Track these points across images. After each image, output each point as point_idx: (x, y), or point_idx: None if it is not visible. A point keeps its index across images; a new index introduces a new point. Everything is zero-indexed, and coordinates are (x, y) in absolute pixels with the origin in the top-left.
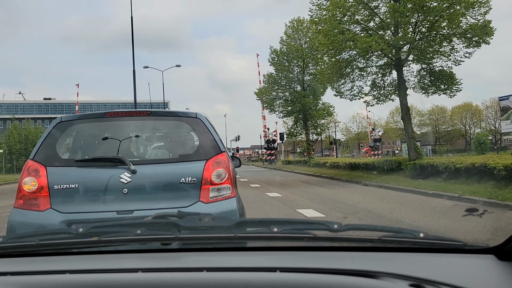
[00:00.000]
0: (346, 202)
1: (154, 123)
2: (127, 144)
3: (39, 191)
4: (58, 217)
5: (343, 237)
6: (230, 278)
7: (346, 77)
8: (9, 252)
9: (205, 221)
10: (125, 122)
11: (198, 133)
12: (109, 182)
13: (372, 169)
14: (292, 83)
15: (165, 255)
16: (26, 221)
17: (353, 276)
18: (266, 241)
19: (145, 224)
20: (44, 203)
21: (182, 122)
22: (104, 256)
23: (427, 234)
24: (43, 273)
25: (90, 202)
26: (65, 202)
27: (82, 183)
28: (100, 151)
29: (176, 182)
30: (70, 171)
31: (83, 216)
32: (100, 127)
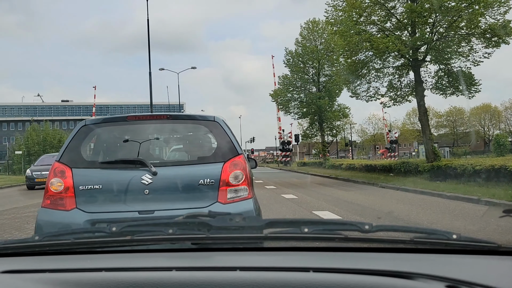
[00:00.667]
0: (363, 204)
1: (173, 126)
2: (148, 147)
3: (65, 191)
4: (83, 216)
5: (374, 238)
6: (265, 277)
7: (362, 78)
8: (45, 250)
9: (235, 221)
10: (145, 125)
11: (216, 136)
12: (131, 183)
13: (388, 171)
14: (308, 84)
15: (197, 254)
16: (53, 220)
17: (388, 277)
18: (297, 242)
19: (177, 224)
20: (70, 203)
21: (200, 125)
22: (137, 255)
23: (460, 236)
24: (80, 271)
25: (113, 202)
26: (89, 202)
27: (105, 184)
28: (122, 153)
29: (195, 184)
30: (94, 172)
31: (106, 215)
32: (122, 130)
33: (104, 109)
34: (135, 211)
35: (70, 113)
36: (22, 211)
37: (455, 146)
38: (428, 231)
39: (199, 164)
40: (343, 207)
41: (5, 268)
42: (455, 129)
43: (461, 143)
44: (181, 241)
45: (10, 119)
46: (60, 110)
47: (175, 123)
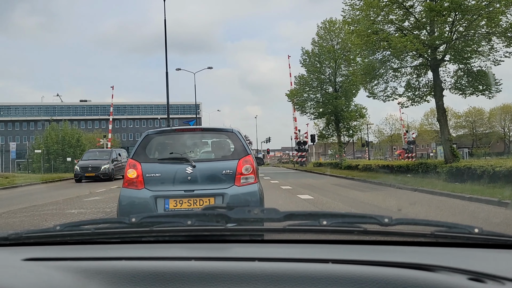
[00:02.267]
0: (379, 205)
1: (204, 135)
2: (189, 148)
3: (136, 177)
4: (148, 193)
5: (394, 231)
6: (284, 268)
7: (380, 78)
8: (66, 240)
9: (254, 213)
10: (186, 134)
11: (233, 142)
12: (178, 172)
13: (406, 171)
14: (324, 84)
15: (215, 246)
16: (130, 195)
17: (408, 269)
18: (316, 234)
19: (195, 215)
20: (140, 184)
21: (222, 134)
22: (156, 246)
23: (482, 230)
24: (100, 259)
25: (168, 184)
26: (152, 184)
27: (162, 173)
28: (175, 152)
29: (220, 173)
30: (155, 165)
31: (163, 193)
32: (172, 138)
33: (121, 109)
34: (181, 190)
35: (88, 113)
36: (40, 208)
37: (474, 147)
38: (449, 225)
39: (222, 160)
40: (360, 208)
41: (28, 256)
42: (474, 130)
43: (481, 144)
44: (199, 233)
45: (30, 119)
46: (79, 110)
47: (206, 133)
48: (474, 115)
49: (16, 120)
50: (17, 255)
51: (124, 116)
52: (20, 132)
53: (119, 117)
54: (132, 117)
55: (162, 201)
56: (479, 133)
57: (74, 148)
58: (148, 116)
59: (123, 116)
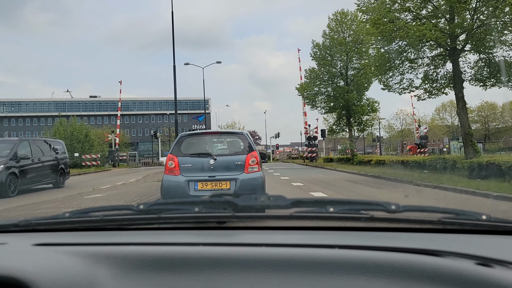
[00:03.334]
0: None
1: (222, 136)
2: (211, 146)
3: (174, 167)
4: (183, 178)
5: (401, 218)
6: (291, 253)
7: (395, 70)
8: (76, 226)
9: (261, 200)
10: (208, 136)
11: (243, 141)
12: (204, 163)
13: (421, 167)
14: (335, 78)
15: (222, 232)
16: (169, 179)
17: (416, 254)
18: (323, 221)
19: (202, 203)
20: (177, 172)
21: (235, 136)
22: (164, 232)
23: (490, 216)
24: (110, 245)
25: (196, 172)
26: (186, 172)
27: (193, 164)
28: (200, 150)
29: (233, 164)
30: (187, 158)
31: (193, 178)
32: (198, 138)
33: (130, 105)
34: (206, 176)
35: (98, 108)
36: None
37: (486, 142)
38: (456, 211)
39: (235, 155)
40: None
41: (38, 241)
42: (487, 125)
43: (494, 139)
44: (207, 220)
45: (40, 115)
46: (88, 105)
47: (223, 135)
48: (486, 110)
49: (27, 116)
50: (27, 240)
51: (133, 112)
52: (30, 127)
53: (129, 113)
54: (141, 112)
55: (192, 184)
56: (492, 127)
57: (83, 144)
58: (157, 111)
59: (132, 112)
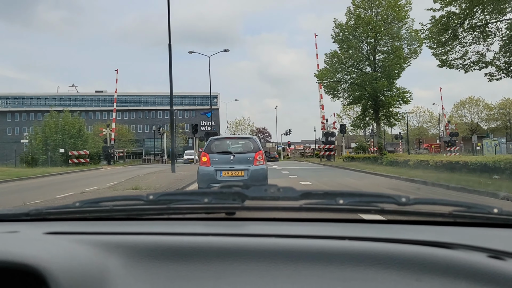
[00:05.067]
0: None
1: (238, 140)
2: (231, 146)
3: (207, 161)
4: (212, 168)
5: (411, 211)
6: (301, 244)
7: (455, 41)
8: (86, 216)
9: (270, 191)
10: (230, 140)
11: (252, 143)
12: (226, 158)
13: (486, 171)
14: (360, 63)
15: (231, 223)
16: (204, 169)
17: (427, 246)
18: (333, 213)
19: (212, 194)
20: (208, 164)
21: (247, 140)
22: (173, 222)
23: (502, 210)
24: (121, 234)
25: (221, 164)
26: (214, 164)
27: (219, 159)
28: (223, 149)
29: (246, 159)
30: (215, 155)
31: (219, 168)
32: (222, 141)
33: (137, 100)
34: (228, 167)
35: (103, 103)
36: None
37: (508, 141)
38: (468, 204)
39: (247, 153)
40: None
41: (49, 230)
42: (509, 122)
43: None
44: (216, 210)
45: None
46: (94, 100)
47: (239, 139)
48: (508, 107)
49: (31, 111)
50: (38, 229)
51: (139, 107)
52: (34, 122)
53: (135, 108)
54: (147, 108)
55: (219, 172)
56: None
57: (75, 139)
58: (164, 107)
59: (139, 107)
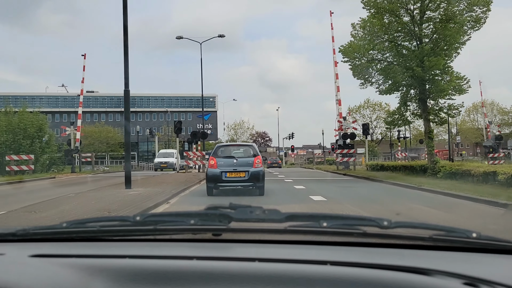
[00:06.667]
0: None
1: (240, 146)
2: (234, 151)
3: (214, 164)
4: (219, 170)
5: (393, 234)
6: (283, 269)
7: None
8: (72, 237)
9: (256, 213)
10: (233, 146)
11: (252, 149)
12: (231, 162)
13: None
14: (401, 37)
15: (217, 245)
16: (211, 171)
17: (405, 272)
18: (316, 236)
19: (198, 215)
20: (215, 166)
21: (247, 146)
22: (160, 244)
23: (480, 235)
24: (105, 257)
25: (226, 167)
26: (220, 166)
27: (224, 162)
28: (228, 154)
29: (247, 162)
30: (221, 159)
31: (224, 170)
32: (227, 147)
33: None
34: (232, 169)
35: (94, 104)
36: None
37: None
38: (448, 228)
39: (247, 157)
40: None
41: (34, 252)
42: None
43: None
44: (202, 232)
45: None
46: (84, 101)
47: (240, 146)
48: None
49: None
50: (24, 251)
51: (133, 109)
52: None
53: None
54: (142, 109)
55: (224, 173)
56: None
57: (32, 139)
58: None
59: (132, 108)
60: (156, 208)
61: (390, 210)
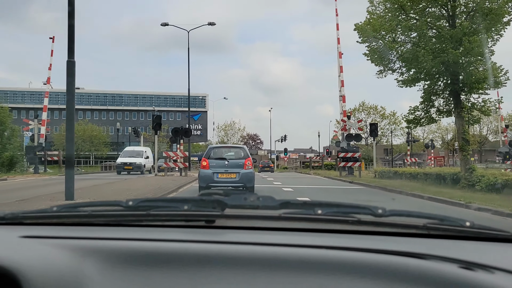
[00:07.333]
0: None
1: (232, 148)
2: (226, 153)
3: (206, 165)
4: (211, 171)
5: (387, 222)
6: (278, 252)
7: None
8: (63, 221)
9: (250, 200)
10: (225, 148)
11: (243, 151)
12: (222, 163)
13: None
14: (429, 17)
15: (210, 231)
16: (204, 171)
17: (400, 256)
18: (310, 223)
19: (192, 201)
20: (207, 167)
21: (238, 148)
22: (152, 229)
23: (474, 223)
24: (97, 239)
25: (218, 168)
26: (212, 167)
27: (216, 163)
28: (219, 155)
29: (238, 164)
30: (213, 160)
31: (216, 171)
32: (219, 149)
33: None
34: (223, 170)
35: (79, 101)
36: None
37: None
38: (441, 217)
39: (238, 159)
40: None
41: (24, 233)
42: None
43: None
44: (195, 218)
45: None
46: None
47: (232, 148)
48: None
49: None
50: (14, 232)
51: (120, 107)
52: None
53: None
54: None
55: (216, 174)
56: None
57: None
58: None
59: (119, 107)
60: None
61: None
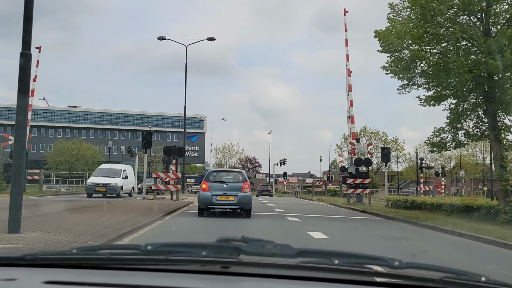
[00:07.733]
0: None
1: (230, 172)
2: (225, 177)
3: (206, 187)
4: (210, 193)
5: (403, 275)
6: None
7: None
8: (82, 264)
9: (267, 247)
10: (224, 172)
11: (241, 176)
12: (221, 186)
13: None
14: (458, 25)
15: (226, 278)
16: (204, 194)
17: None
18: (327, 273)
19: (209, 247)
20: (207, 190)
21: (237, 172)
22: (170, 275)
23: (489, 279)
24: (116, 286)
25: (217, 190)
26: (212, 190)
27: (215, 186)
28: (219, 179)
29: (236, 187)
30: (212, 183)
31: (215, 193)
32: (218, 172)
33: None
34: (222, 193)
35: (75, 120)
36: None
37: None
38: (457, 271)
39: (236, 182)
40: None
41: (46, 278)
42: None
43: None
44: (212, 264)
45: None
46: (64, 116)
47: (230, 172)
48: None
49: None
50: (36, 277)
51: (116, 127)
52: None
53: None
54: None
55: (215, 196)
56: None
57: None
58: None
59: (116, 126)
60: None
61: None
